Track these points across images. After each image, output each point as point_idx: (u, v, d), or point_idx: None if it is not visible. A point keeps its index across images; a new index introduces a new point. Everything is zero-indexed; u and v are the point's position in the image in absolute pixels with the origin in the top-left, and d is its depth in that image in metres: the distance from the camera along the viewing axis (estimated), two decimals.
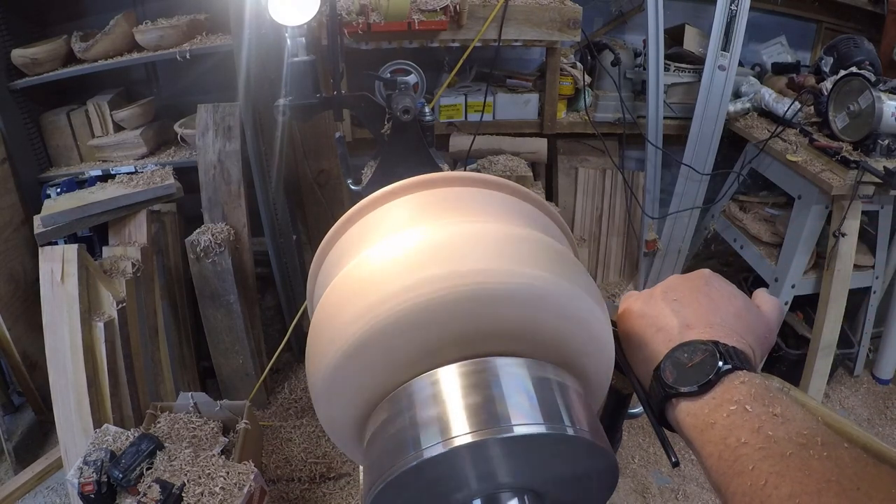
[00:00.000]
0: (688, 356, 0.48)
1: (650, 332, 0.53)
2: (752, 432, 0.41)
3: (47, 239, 2.06)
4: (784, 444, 0.39)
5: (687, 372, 0.47)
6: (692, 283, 0.56)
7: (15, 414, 2.46)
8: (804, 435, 0.39)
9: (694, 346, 0.49)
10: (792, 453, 0.38)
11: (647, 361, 0.53)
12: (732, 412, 0.43)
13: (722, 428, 0.43)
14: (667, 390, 0.48)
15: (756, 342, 0.51)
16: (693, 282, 0.56)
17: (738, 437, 0.41)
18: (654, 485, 2.13)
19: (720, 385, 0.45)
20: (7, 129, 2.36)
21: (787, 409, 0.42)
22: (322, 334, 0.54)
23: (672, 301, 0.54)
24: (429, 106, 2.07)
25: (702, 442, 0.44)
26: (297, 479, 2.17)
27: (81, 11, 2.63)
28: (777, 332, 0.56)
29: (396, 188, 0.64)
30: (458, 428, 0.45)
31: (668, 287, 0.57)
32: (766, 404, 0.42)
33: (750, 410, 0.42)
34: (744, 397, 0.43)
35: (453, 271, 0.50)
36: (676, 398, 0.48)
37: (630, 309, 0.58)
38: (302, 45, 1.44)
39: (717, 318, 0.52)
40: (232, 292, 2.27)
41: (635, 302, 0.58)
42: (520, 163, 2.52)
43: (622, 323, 0.58)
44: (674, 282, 0.57)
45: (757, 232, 2.63)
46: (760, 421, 0.41)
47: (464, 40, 2.35)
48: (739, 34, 2.44)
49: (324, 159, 2.54)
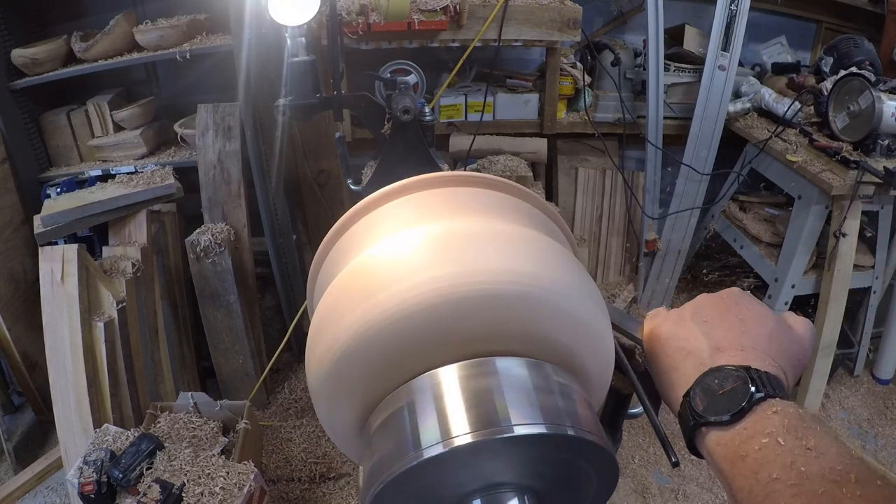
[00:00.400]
0: (718, 383, 0.47)
1: (680, 357, 0.52)
2: (784, 468, 0.40)
3: (47, 239, 2.06)
4: (817, 481, 0.38)
5: (718, 400, 0.46)
6: (722, 303, 0.54)
7: (15, 414, 2.46)
8: (838, 471, 0.38)
9: (725, 373, 0.47)
10: (824, 491, 0.37)
11: (676, 386, 0.51)
12: (765, 445, 0.42)
13: (753, 462, 0.42)
14: (696, 418, 0.47)
15: (788, 365, 0.50)
16: (723, 301, 0.55)
17: (769, 472, 0.40)
18: (654, 485, 2.13)
19: (752, 414, 0.44)
20: (7, 129, 2.36)
21: (821, 441, 0.41)
22: (322, 334, 0.54)
23: (702, 322, 0.53)
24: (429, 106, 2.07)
25: (732, 474, 0.43)
26: (297, 479, 2.17)
27: (81, 11, 2.63)
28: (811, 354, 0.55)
29: (396, 188, 0.64)
30: (458, 428, 0.45)
31: (697, 307, 0.55)
32: (800, 437, 0.41)
33: (783, 444, 0.41)
34: (776, 429, 0.42)
35: (453, 272, 0.50)
36: (706, 426, 0.46)
37: (658, 330, 0.56)
38: (302, 45, 1.44)
39: (749, 340, 0.50)
40: (232, 292, 2.26)
41: (664, 323, 0.56)
42: (520, 163, 2.52)
43: (650, 345, 0.57)
44: (703, 301, 0.56)
45: (757, 232, 2.63)
46: (793, 455, 0.40)
47: (464, 40, 2.35)
48: (739, 34, 2.44)
49: (324, 159, 2.54)
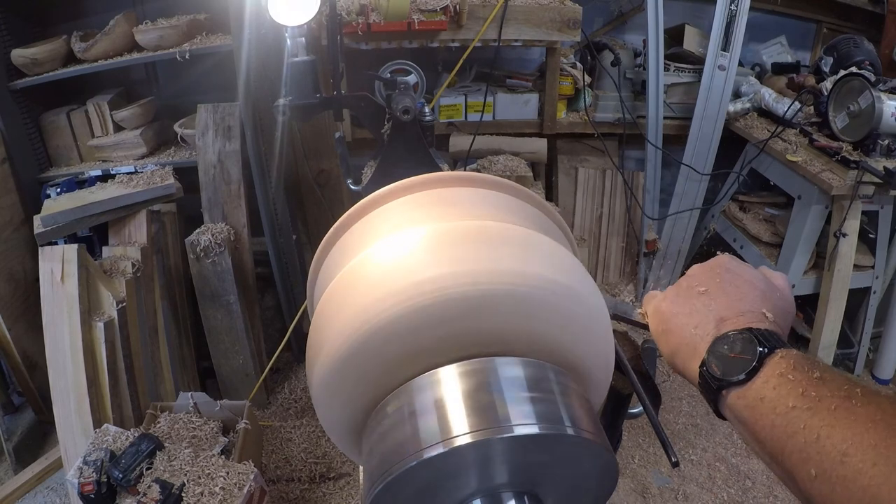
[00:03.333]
0: (728, 348, 0.52)
1: (688, 332, 0.56)
2: (798, 397, 0.45)
3: (47, 239, 2.06)
4: (829, 400, 0.43)
5: (732, 363, 0.51)
6: (715, 273, 0.59)
7: (15, 414, 2.46)
8: (845, 389, 0.44)
9: (733, 338, 0.52)
10: (837, 406, 0.43)
11: (690, 360, 0.55)
12: (778, 384, 0.47)
13: (771, 400, 0.47)
14: (718, 384, 0.51)
15: (781, 318, 0.55)
16: (715, 271, 0.59)
17: (786, 403, 0.45)
18: (654, 485, 2.13)
19: (764, 367, 0.49)
20: (7, 129, 2.36)
21: (825, 371, 0.46)
22: (322, 334, 0.54)
23: (700, 295, 0.57)
24: (429, 106, 2.07)
25: (754, 418, 0.48)
26: (297, 479, 2.17)
27: (81, 11, 2.63)
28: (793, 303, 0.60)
29: (396, 188, 0.64)
30: (458, 428, 0.45)
31: (692, 279, 0.59)
32: (807, 370, 0.47)
33: (793, 379, 0.47)
34: (785, 369, 0.47)
35: (453, 272, 0.50)
36: (727, 389, 0.51)
37: (661, 310, 0.59)
38: (302, 45, 1.44)
39: (746, 304, 0.55)
40: (232, 292, 2.26)
41: (663, 302, 0.60)
42: (520, 163, 2.52)
43: (656, 325, 0.60)
44: (697, 272, 0.60)
45: (757, 232, 2.63)
46: (804, 386, 0.45)
47: (464, 40, 2.35)
48: (739, 34, 2.44)
49: (324, 159, 2.54)
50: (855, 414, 0.42)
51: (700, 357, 0.54)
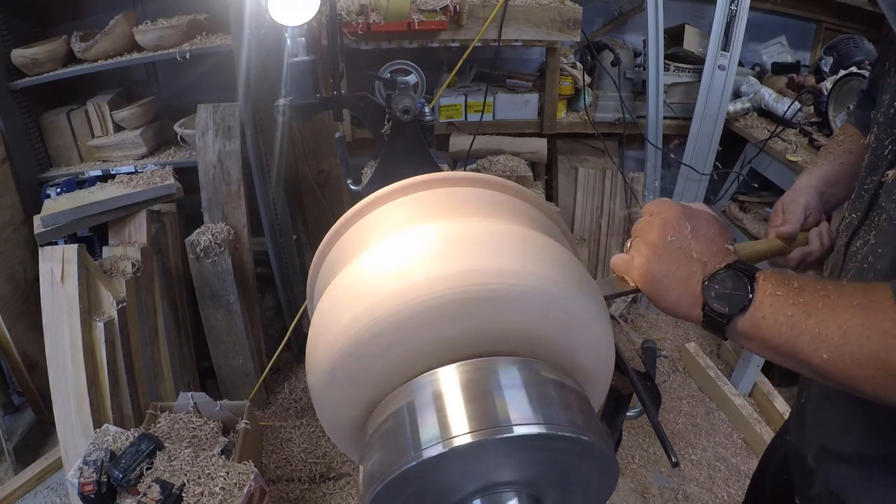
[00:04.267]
0: (720, 287, 0.60)
1: (681, 285, 0.63)
2: (790, 306, 0.56)
3: (47, 239, 2.06)
4: (814, 301, 0.55)
5: (730, 298, 0.59)
6: (682, 223, 0.65)
7: (15, 414, 2.46)
8: (820, 289, 0.56)
9: (721, 277, 0.60)
10: (822, 304, 0.54)
11: (691, 307, 0.62)
12: (773, 302, 0.57)
13: (772, 315, 0.57)
14: (728, 318, 0.59)
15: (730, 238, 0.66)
16: (681, 222, 0.65)
17: (784, 313, 0.56)
18: (654, 485, 2.13)
19: (755, 292, 0.58)
20: (7, 129, 2.36)
21: (799, 280, 0.58)
22: (322, 334, 0.54)
23: (678, 249, 0.64)
24: (429, 106, 2.07)
25: (762, 332, 0.58)
26: (297, 479, 2.17)
27: (81, 11, 2.63)
28: None
29: (396, 188, 0.64)
30: (458, 428, 0.45)
31: (664, 234, 0.65)
32: (787, 284, 0.57)
33: (781, 294, 0.57)
34: (772, 288, 0.58)
35: (452, 272, 0.50)
36: (732, 320, 0.59)
37: (650, 272, 0.65)
38: (302, 45, 1.44)
39: (715, 244, 0.64)
40: (232, 292, 2.26)
41: (649, 263, 0.65)
42: (520, 163, 2.52)
43: (649, 287, 0.65)
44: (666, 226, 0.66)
45: (757, 232, 2.62)
46: (792, 297, 0.56)
47: (464, 40, 2.35)
48: (739, 34, 2.44)
49: (324, 159, 2.54)
50: (837, 305, 0.54)
51: (700, 302, 0.61)
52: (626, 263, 0.68)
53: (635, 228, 0.70)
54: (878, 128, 0.73)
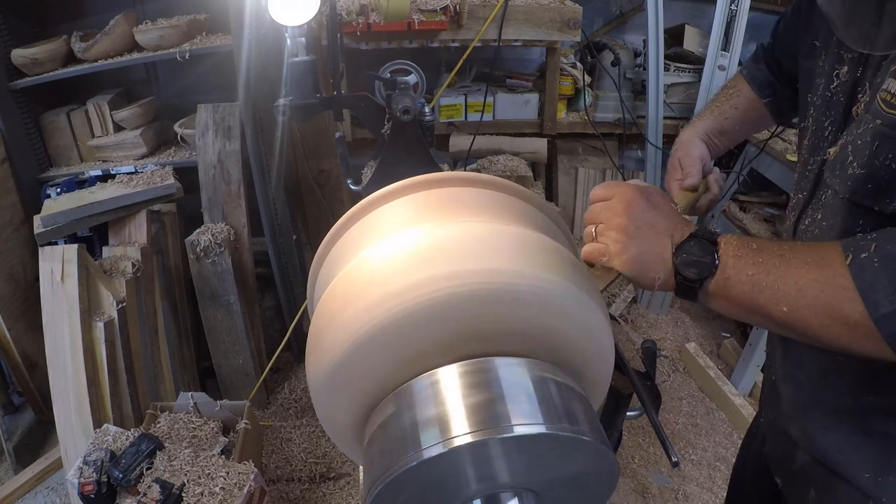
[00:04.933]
0: (688, 255, 0.64)
1: (658, 259, 0.67)
2: (751, 265, 0.61)
3: (47, 239, 2.06)
4: (771, 260, 0.60)
5: (699, 264, 0.64)
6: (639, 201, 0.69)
7: (15, 414, 2.46)
8: (776, 250, 0.61)
9: (687, 247, 0.65)
10: (778, 263, 0.60)
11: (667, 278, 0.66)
12: (735, 264, 0.62)
13: (735, 276, 0.62)
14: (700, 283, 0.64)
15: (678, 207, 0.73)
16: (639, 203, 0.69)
17: (746, 273, 0.61)
18: (654, 485, 2.13)
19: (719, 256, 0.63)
20: (7, 129, 2.36)
21: (756, 241, 0.63)
22: (322, 334, 0.54)
23: (646, 226, 0.68)
24: (429, 106, 2.07)
25: (727, 292, 0.62)
26: (297, 479, 2.17)
27: (81, 11, 2.63)
28: None
29: (396, 188, 0.64)
30: (458, 428, 0.45)
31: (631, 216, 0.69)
32: (746, 246, 0.63)
33: (741, 255, 0.62)
34: (734, 251, 0.63)
35: (452, 272, 0.50)
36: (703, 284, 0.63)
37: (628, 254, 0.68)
38: (302, 45, 1.44)
39: (674, 218, 0.69)
40: (232, 292, 2.26)
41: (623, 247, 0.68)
42: (520, 163, 2.52)
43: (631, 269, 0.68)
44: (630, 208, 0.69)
45: (757, 232, 2.62)
46: (751, 257, 0.61)
47: (464, 40, 2.35)
48: (739, 34, 2.44)
49: (324, 159, 2.54)
50: (793, 263, 0.59)
51: (672, 272, 0.65)
52: (602, 252, 0.70)
53: (593, 216, 0.72)
54: (816, 110, 0.76)
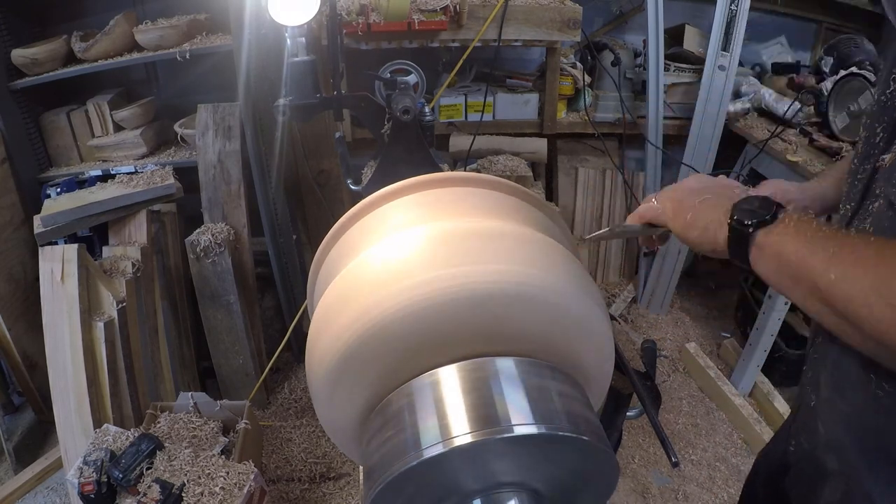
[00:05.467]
0: (748, 206, 0.66)
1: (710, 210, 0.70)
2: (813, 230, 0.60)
3: (47, 239, 2.06)
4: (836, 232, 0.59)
5: (757, 212, 0.65)
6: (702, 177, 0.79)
7: (15, 414, 2.46)
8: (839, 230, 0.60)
9: (748, 200, 0.67)
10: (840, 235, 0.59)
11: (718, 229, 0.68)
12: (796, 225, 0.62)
13: (792, 234, 0.62)
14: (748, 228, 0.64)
15: None
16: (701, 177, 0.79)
17: (805, 234, 0.61)
18: (654, 485, 2.13)
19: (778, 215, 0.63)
20: (7, 129, 2.36)
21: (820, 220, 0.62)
22: (322, 335, 0.54)
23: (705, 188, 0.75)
24: (429, 106, 2.07)
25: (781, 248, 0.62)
26: (297, 479, 2.17)
27: (81, 11, 2.63)
28: None
29: (396, 189, 0.64)
30: (458, 428, 0.45)
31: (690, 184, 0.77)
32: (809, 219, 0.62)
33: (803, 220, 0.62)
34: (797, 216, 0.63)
35: (452, 272, 0.50)
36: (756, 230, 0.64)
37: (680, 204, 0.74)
38: (302, 45, 1.44)
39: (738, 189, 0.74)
40: (232, 292, 2.26)
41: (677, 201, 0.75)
42: (520, 163, 2.52)
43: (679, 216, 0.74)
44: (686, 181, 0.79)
45: None
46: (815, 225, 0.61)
47: (464, 40, 2.35)
48: (739, 34, 2.44)
49: (324, 159, 2.54)
50: (856, 239, 0.57)
51: (728, 219, 0.67)
52: (655, 209, 0.76)
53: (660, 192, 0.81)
54: (870, 118, 0.76)
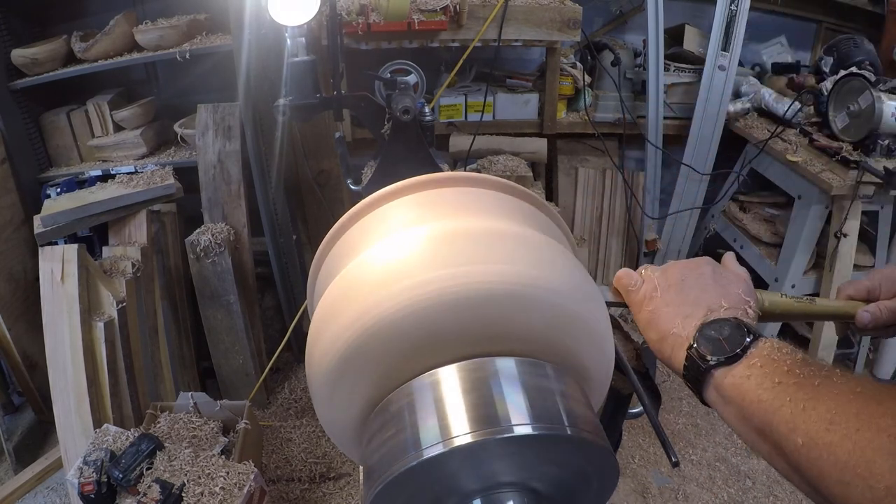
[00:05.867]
0: (716, 333, 0.55)
1: (678, 321, 0.59)
2: (783, 374, 0.49)
3: (47, 239, 2.06)
4: (812, 377, 0.47)
5: (720, 345, 0.54)
6: (702, 271, 0.63)
7: (15, 414, 2.46)
8: (826, 369, 0.48)
9: (720, 324, 0.55)
10: (820, 382, 0.46)
11: (677, 346, 0.58)
12: (765, 363, 0.50)
13: (758, 377, 0.50)
14: (706, 364, 0.54)
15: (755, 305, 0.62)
16: (702, 269, 0.63)
17: (773, 379, 0.49)
18: (654, 485, 2.13)
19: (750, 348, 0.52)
20: (7, 129, 2.36)
21: (806, 355, 0.51)
22: (322, 335, 0.54)
23: (692, 287, 0.61)
24: (429, 106, 2.07)
25: (742, 395, 0.51)
26: (297, 479, 2.17)
27: (81, 11, 2.63)
28: None
29: (396, 189, 0.64)
30: (458, 428, 0.45)
31: (683, 276, 0.63)
32: (790, 353, 0.51)
33: (777, 359, 0.50)
34: (770, 351, 0.51)
35: (452, 272, 0.50)
36: (714, 369, 0.53)
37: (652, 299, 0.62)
38: (302, 45, 1.44)
39: (733, 299, 0.60)
40: (232, 292, 2.26)
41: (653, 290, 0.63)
42: (520, 163, 2.52)
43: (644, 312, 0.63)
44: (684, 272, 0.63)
45: (757, 232, 2.63)
46: (788, 364, 0.49)
47: (464, 40, 2.35)
48: (739, 34, 2.44)
49: (324, 159, 2.54)
50: (837, 388, 0.45)
51: (687, 342, 0.56)
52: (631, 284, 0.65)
53: None
54: None
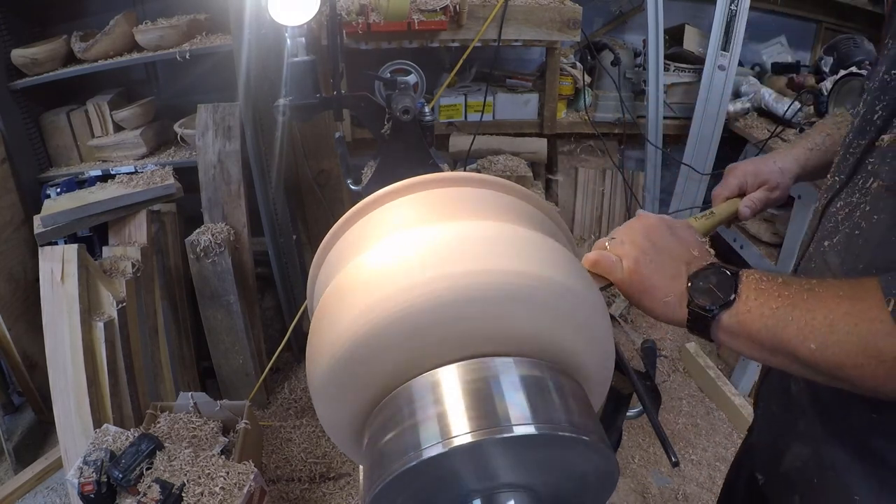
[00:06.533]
0: (704, 283, 0.61)
1: (667, 283, 0.64)
2: (776, 298, 0.57)
3: (47, 239, 2.06)
4: (799, 294, 0.56)
5: (713, 293, 0.60)
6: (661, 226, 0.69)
7: (15, 414, 2.46)
8: (805, 284, 0.57)
9: (703, 275, 0.62)
10: (807, 296, 0.55)
11: (676, 307, 0.63)
12: (757, 295, 0.58)
13: (757, 308, 0.58)
14: (711, 313, 0.60)
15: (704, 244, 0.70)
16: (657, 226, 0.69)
17: (770, 306, 0.57)
18: (654, 485, 2.13)
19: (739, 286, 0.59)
20: (7, 129, 2.36)
21: (782, 276, 0.59)
22: (322, 335, 0.54)
23: (663, 248, 0.67)
24: (429, 106, 2.07)
25: (748, 326, 0.58)
26: (297, 479, 2.17)
27: (81, 11, 2.63)
28: None
29: (397, 188, 0.64)
30: (458, 428, 0.45)
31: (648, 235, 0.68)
32: (771, 279, 0.59)
33: (765, 288, 0.58)
34: (756, 283, 0.59)
35: (452, 272, 0.50)
36: (718, 314, 0.60)
37: (637, 270, 0.66)
38: (302, 45, 1.44)
39: (695, 247, 0.68)
40: (232, 292, 2.26)
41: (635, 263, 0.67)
42: (520, 163, 2.52)
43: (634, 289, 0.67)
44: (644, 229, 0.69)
45: (757, 232, 2.63)
46: (776, 290, 0.57)
47: (464, 40, 2.35)
48: (739, 34, 2.44)
49: (324, 159, 2.54)
50: (822, 297, 0.54)
51: (685, 300, 0.62)
52: (612, 264, 0.68)
53: (614, 232, 0.72)
54: (870, 94, 0.73)
